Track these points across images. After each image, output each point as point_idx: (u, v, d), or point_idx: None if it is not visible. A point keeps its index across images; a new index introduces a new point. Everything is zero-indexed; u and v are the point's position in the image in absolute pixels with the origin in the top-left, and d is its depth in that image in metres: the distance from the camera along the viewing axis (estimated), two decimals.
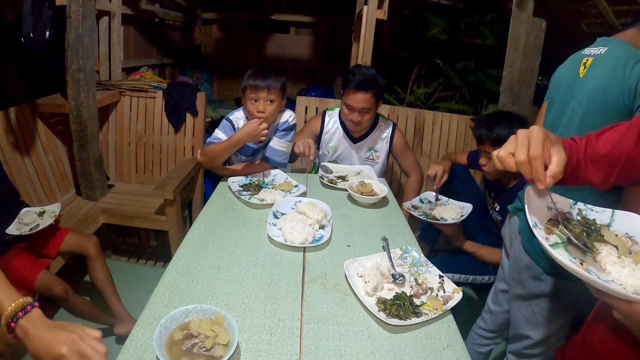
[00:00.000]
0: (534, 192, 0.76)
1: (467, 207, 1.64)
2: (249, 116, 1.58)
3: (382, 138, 1.91)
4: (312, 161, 1.69)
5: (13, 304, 0.68)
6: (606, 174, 0.77)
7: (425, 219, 1.64)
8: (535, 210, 0.74)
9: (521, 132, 0.66)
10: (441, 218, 1.63)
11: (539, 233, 0.69)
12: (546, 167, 0.65)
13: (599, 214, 0.76)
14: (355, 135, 1.89)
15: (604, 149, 0.76)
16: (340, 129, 1.90)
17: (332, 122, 1.92)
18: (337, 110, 1.94)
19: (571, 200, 0.78)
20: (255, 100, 1.51)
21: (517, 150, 0.65)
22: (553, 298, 1.19)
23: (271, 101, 1.51)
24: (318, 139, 1.93)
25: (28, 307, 0.69)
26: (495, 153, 0.69)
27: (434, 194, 1.75)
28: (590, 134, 0.80)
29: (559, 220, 0.72)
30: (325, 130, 1.92)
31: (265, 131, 1.47)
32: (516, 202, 1.33)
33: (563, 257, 0.61)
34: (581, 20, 2.19)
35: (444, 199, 1.74)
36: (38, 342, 0.65)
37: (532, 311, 1.24)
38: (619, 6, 1.91)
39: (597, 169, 0.77)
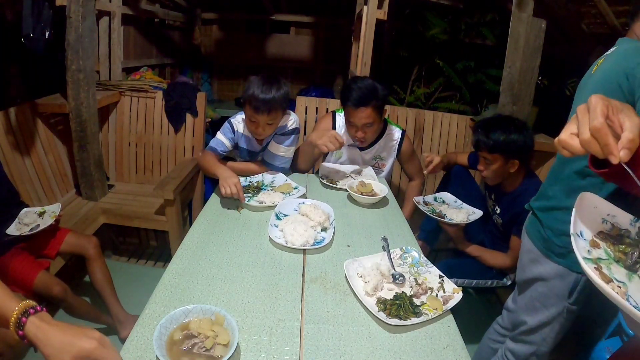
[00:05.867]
0: (589, 198, 0.68)
1: (477, 213, 1.65)
2: (247, 125, 1.58)
3: (390, 146, 1.85)
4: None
5: (22, 303, 0.67)
6: None
7: (431, 214, 1.64)
8: (586, 218, 0.66)
9: (580, 108, 0.55)
10: (448, 218, 1.64)
11: (579, 243, 0.61)
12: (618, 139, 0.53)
13: None
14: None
15: None
16: (347, 134, 1.83)
17: (341, 124, 1.84)
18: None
19: (632, 217, 0.68)
20: (255, 120, 1.49)
21: (579, 128, 0.54)
22: (548, 283, 1.20)
23: (270, 123, 1.50)
24: None
25: (38, 307, 0.68)
26: (557, 139, 0.58)
27: (442, 195, 1.77)
28: None
29: (610, 235, 0.65)
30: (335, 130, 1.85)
31: (228, 193, 1.34)
32: (537, 202, 1.29)
33: (593, 272, 0.54)
34: (581, 20, 2.19)
35: (458, 202, 1.74)
36: (57, 338, 0.64)
37: (530, 296, 1.27)
38: (619, 6, 1.91)
39: None
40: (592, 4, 1.97)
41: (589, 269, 0.55)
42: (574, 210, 0.64)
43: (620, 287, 0.57)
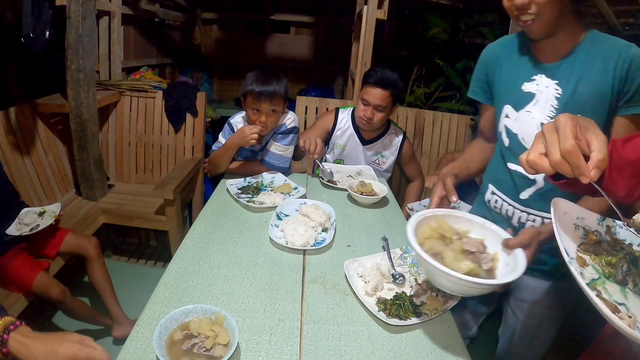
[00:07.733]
0: (559, 205, 0.67)
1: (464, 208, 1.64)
2: (249, 122, 1.56)
3: (392, 145, 1.93)
4: (314, 160, 1.66)
5: (0, 320, 0.68)
6: (633, 184, 0.66)
7: None
8: (563, 229, 0.65)
9: (547, 127, 0.56)
10: None
11: (574, 266, 0.59)
12: (587, 158, 0.54)
13: (630, 233, 0.66)
14: (365, 136, 1.89)
15: (632, 155, 0.65)
16: (352, 128, 1.90)
17: (344, 120, 1.92)
18: (349, 109, 1.94)
19: (598, 216, 0.69)
20: (257, 110, 1.49)
21: (548, 149, 0.55)
22: None
23: (274, 111, 1.49)
24: (329, 135, 1.93)
25: (17, 322, 0.70)
26: (523, 158, 0.58)
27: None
28: (615, 139, 0.71)
29: (590, 245, 0.64)
30: (337, 127, 1.92)
31: (255, 135, 1.44)
32: None
33: (603, 304, 0.53)
34: (581, 21, 2.19)
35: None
36: (39, 350, 0.65)
37: None
38: (619, 6, 1.91)
39: (622, 178, 0.66)
40: (592, 4, 1.97)
41: (599, 302, 0.54)
42: (554, 223, 0.63)
43: (630, 317, 0.56)
